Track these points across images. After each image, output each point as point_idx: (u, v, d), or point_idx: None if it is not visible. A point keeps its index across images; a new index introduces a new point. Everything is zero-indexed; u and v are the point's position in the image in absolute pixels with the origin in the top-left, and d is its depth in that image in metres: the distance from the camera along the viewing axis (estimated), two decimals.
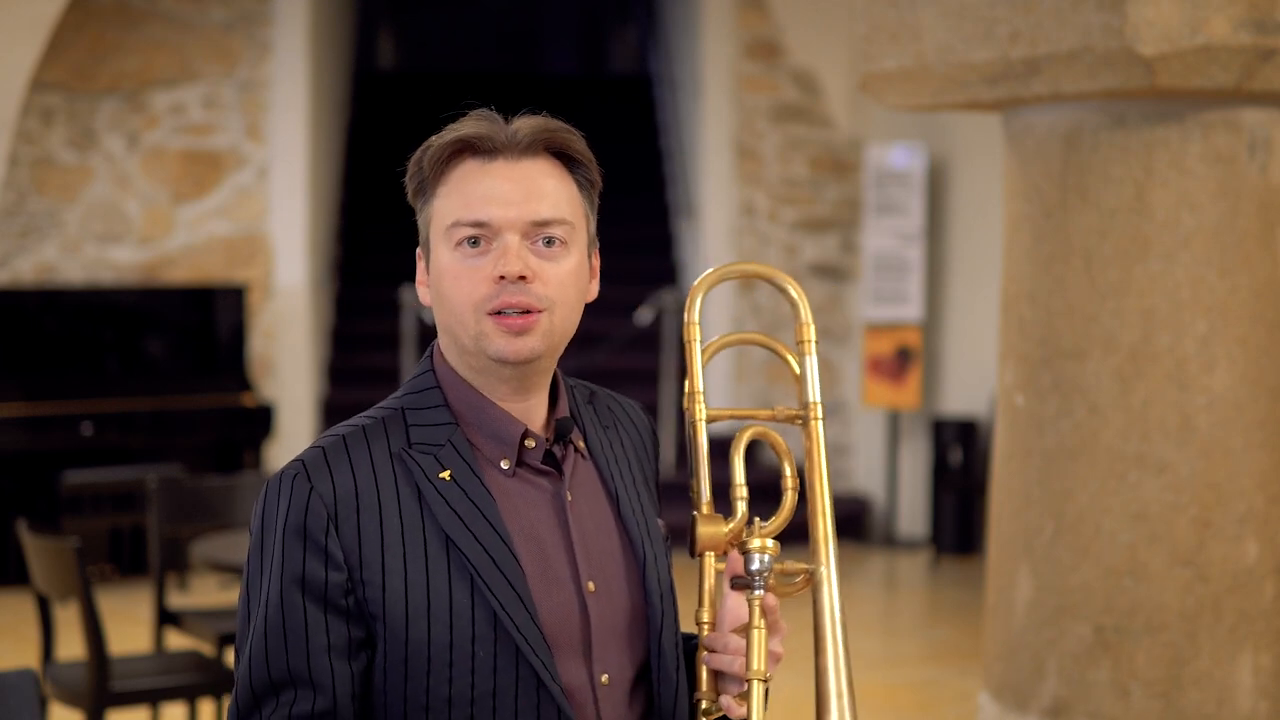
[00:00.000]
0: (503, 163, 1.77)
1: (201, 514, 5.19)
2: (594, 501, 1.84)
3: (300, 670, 1.70)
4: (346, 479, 1.73)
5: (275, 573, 1.72)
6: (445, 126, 1.80)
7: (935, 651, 6.95)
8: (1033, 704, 3.72)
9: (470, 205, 1.75)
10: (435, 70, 14.66)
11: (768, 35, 9.46)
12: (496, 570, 1.72)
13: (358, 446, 1.76)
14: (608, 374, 9.15)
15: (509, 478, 1.78)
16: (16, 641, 6.66)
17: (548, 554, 1.77)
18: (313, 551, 1.71)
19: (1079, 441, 3.63)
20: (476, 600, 1.71)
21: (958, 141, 8.90)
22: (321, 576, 1.71)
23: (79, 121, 8.77)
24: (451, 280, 1.75)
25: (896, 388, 8.95)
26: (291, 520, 1.71)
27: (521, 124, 1.79)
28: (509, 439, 1.79)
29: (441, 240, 1.77)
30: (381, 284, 9.54)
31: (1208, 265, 3.54)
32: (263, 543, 1.73)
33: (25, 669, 2.71)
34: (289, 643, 1.70)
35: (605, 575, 1.80)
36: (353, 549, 1.71)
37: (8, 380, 7.94)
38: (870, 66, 3.83)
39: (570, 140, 1.80)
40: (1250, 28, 3.31)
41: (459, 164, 1.78)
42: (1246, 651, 3.59)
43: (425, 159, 1.79)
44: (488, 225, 1.74)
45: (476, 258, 1.75)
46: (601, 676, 1.78)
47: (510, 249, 1.74)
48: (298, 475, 1.73)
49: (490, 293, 1.74)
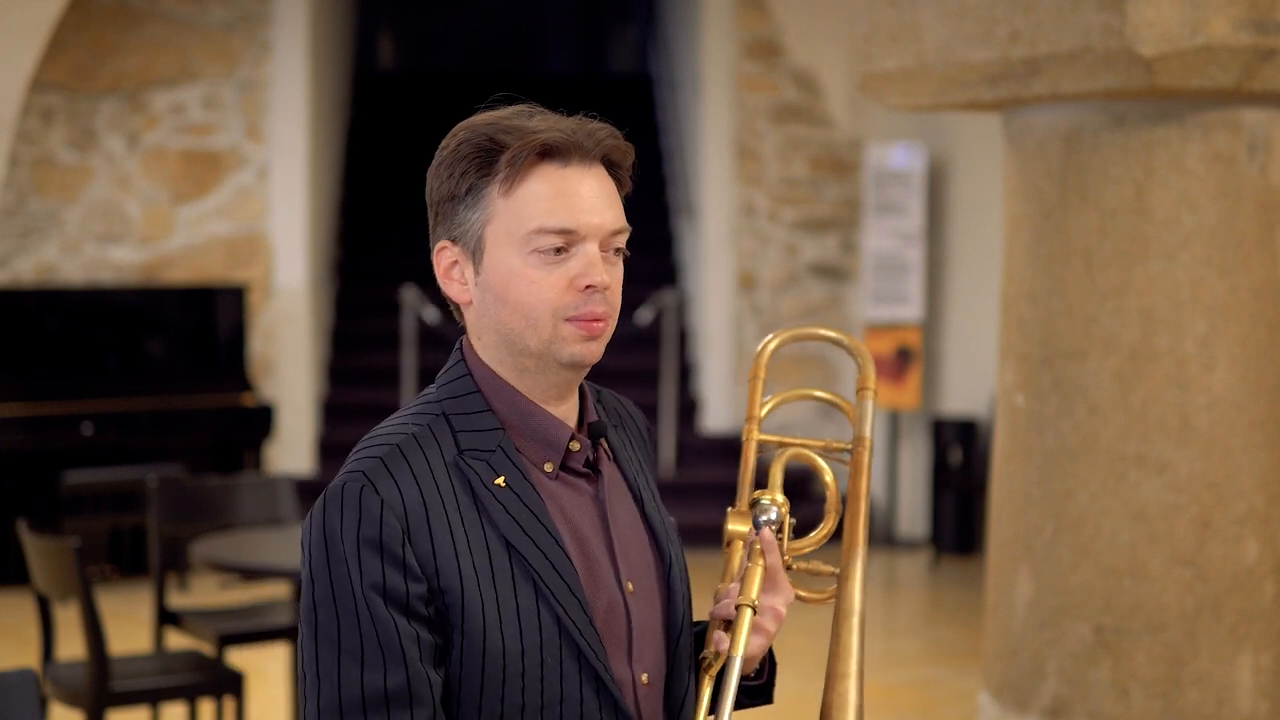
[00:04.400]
0: (578, 169, 1.77)
1: (201, 514, 5.19)
2: (624, 503, 1.85)
3: (399, 683, 1.66)
4: (412, 489, 1.70)
5: (355, 588, 1.67)
6: (479, 119, 1.78)
7: (935, 651, 6.95)
8: (1033, 704, 3.72)
9: (556, 212, 1.74)
10: (435, 70, 14.66)
11: (768, 35, 9.46)
12: (556, 574, 1.72)
13: (414, 454, 1.73)
14: (608, 374, 9.12)
15: (552, 480, 1.78)
16: (16, 641, 6.66)
17: (593, 556, 1.77)
18: (391, 564, 1.67)
19: (1079, 441, 3.63)
20: (541, 606, 1.71)
21: (958, 141, 8.90)
22: (403, 588, 1.67)
23: (79, 121, 8.77)
24: (528, 285, 1.74)
25: (896, 388, 8.95)
26: (365, 534, 1.67)
27: (593, 130, 1.79)
28: (556, 442, 1.79)
29: (516, 243, 1.74)
30: (381, 284, 9.55)
31: (1208, 265, 3.54)
32: (330, 558, 1.68)
33: (25, 669, 2.71)
34: (386, 656, 1.66)
35: (640, 576, 1.82)
36: (428, 559, 1.68)
37: (8, 380, 7.94)
38: (870, 66, 3.83)
39: (629, 153, 1.83)
40: (1250, 28, 3.31)
41: (534, 166, 1.75)
42: (1246, 651, 3.59)
43: (500, 158, 1.74)
44: (575, 233, 1.74)
45: (557, 264, 1.74)
46: (642, 676, 1.79)
47: (595, 259, 1.75)
48: (364, 487, 1.69)
49: (575, 301, 1.74)
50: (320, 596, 1.68)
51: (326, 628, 1.68)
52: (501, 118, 1.77)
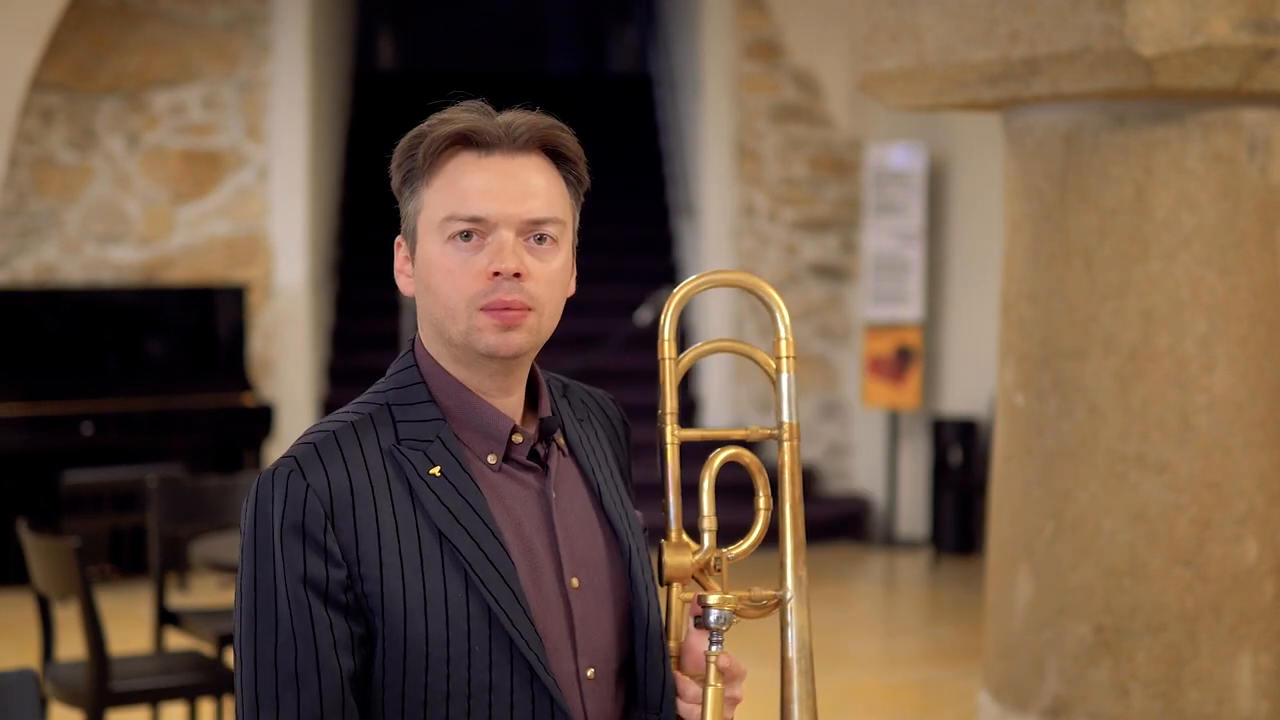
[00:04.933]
0: (499, 158, 1.76)
1: (201, 514, 5.19)
2: (577, 497, 1.84)
3: (309, 669, 1.69)
4: (341, 475, 1.72)
5: (276, 572, 1.70)
6: (432, 116, 1.79)
7: (935, 651, 6.95)
8: (1033, 704, 3.72)
9: (466, 200, 1.74)
10: (435, 71, 14.65)
11: (768, 35, 9.45)
12: (490, 565, 1.72)
13: (349, 443, 1.75)
14: (608, 374, 9.15)
15: (495, 473, 1.79)
16: (16, 641, 6.66)
17: (533, 550, 1.78)
18: (312, 548, 1.70)
19: (1079, 441, 3.63)
20: (471, 595, 1.71)
21: (958, 141, 8.90)
22: (323, 573, 1.70)
23: (79, 121, 8.77)
24: (443, 274, 1.75)
25: (896, 388, 8.95)
26: (289, 518, 1.70)
27: (517, 119, 1.78)
28: (498, 434, 1.79)
29: (433, 232, 1.76)
30: (381, 284, 9.48)
31: (1208, 265, 3.54)
32: (257, 541, 1.71)
33: (25, 669, 2.71)
34: (298, 642, 1.69)
35: (589, 571, 1.81)
36: (350, 545, 1.71)
37: (8, 380, 7.94)
38: (870, 66, 3.83)
39: (564, 138, 1.80)
40: (1250, 28, 3.31)
41: (454, 156, 1.77)
42: (1246, 651, 3.59)
43: (420, 148, 1.77)
44: (484, 221, 1.74)
45: (470, 252, 1.74)
46: (587, 671, 1.79)
47: (506, 246, 1.74)
48: (292, 473, 1.71)
49: (484, 288, 1.74)
50: (245, 578, 1.73)
51: (249, 608, 1.71)
52: (442, 114, 1.79)
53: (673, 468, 1.91)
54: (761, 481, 1.92)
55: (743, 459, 1.93)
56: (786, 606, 1.84)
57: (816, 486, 9.40)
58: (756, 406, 9.40)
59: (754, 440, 1.94)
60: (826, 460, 9.49)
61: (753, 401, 9.41)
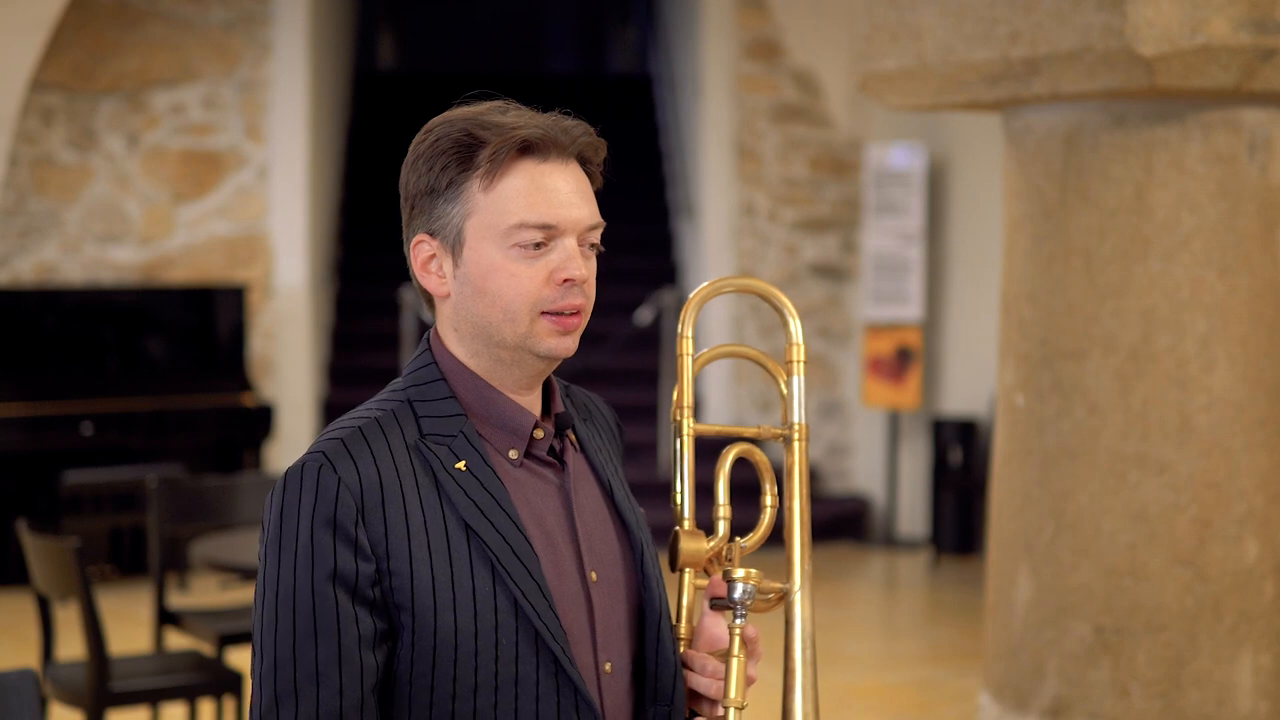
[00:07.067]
0: (557, 164, 1.79)
1: (201, 514, 5.19)
2: (591, 493, 1.87)
3: (330, 664, 1.69)
4: (370, 469, 1.73)
5: (303, 565, 1.70)
6: (454, 113, 1.79)
7: (935, 651, 6.95)
8: (1033, 704, 3.72)
9: (536, 207, 1.76)
10: (435, 70, 14.65)
11: (768, 35, 9.46)
12: (515, 558, 1.74)
13: (375, 437, 1.76)
14: (608, 374, 9.15)
15: (516, 468, 1.81)
16: (16, 641, 6.66)
17: (556, 543, 1.80)
18: (343, 542, 1.70)
19: (1079, 441, 3.63)
20: (498, 588, 1.73)
21: (958, 141, 8.90)
22: (353, 568, 1.70)
23: (79, 121, 8.77)
24: (507, 278, 1.76)
25: (896, 388, 8.95)
26: (320, 511, 1.70)
27: (572, 126, 1.80)
28: (521, 429, 1.81)
29: (497, 237, 1.77)
30: (381, 284, 9.54)
31: (1208, 265, 3.54)
32: (282, 535, 1.71)
33: (25, 669, 2.71)
34: (321, 637, 1.69)
35: (606, 565, 1.84)
36: (380, 539, 1.71)
37: (8, 380, 7.94)
38: (870, 66, 3.83)
39: (601, 150, 1.84)
40: (1250, 28, 3.31)
41: (515, 162, 1.77)
42: (1246, 651, 3.59)
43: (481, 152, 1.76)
44: (555, 228, 1.77)
45: (536, 258, 1.76)
46: (605, 665, 1.81)
47: (574, 253, 1.77)
48: (322, 466, 1.72)
49: (553, 294, 1.77)
50: (269, 571, 1.72)
51: (270, 600, 1.71)
52: (478, 113, 1.79)
53: (689, 458, 1.96)
54: (769, 479, 1.97)
55: (752, 456, 1.98)
56: (793, 600, 1.87)
57: (816, 486, 9.41)
58: (756, 406, 9.41)
59: (764, 439, 1.99)
60: (827, 460, 9.49)
61: (753, 401, 9.42)
